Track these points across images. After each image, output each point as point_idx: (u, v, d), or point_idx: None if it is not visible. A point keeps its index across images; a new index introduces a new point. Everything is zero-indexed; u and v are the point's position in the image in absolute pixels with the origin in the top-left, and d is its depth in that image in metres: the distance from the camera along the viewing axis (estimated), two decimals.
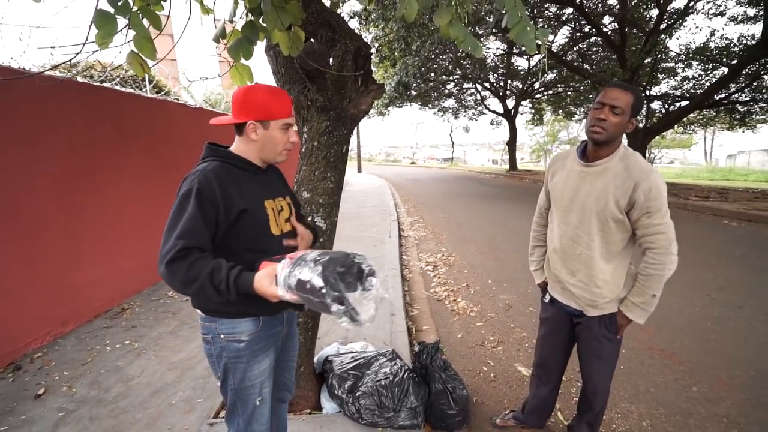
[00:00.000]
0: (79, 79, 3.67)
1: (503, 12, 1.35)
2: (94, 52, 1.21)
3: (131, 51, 1.19)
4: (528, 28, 1.33)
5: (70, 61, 1.30)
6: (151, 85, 5.19)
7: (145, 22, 1.17)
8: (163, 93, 5.57)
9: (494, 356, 2.85)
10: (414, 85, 14.49)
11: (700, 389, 2.39)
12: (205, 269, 1.05)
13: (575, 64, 15.63)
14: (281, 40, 1.43)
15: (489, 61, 19.17)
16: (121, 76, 4.51)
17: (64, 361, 2.69)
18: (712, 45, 12.11)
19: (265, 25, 1.39)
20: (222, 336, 1.23)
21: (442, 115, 26.20)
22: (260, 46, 1.72)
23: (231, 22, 1.67)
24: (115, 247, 3.64)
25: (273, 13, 1.33)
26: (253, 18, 1.45)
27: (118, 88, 3.94)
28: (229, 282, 1.06)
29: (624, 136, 1.48)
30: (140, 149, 3.95)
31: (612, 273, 1.53)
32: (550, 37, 15.48)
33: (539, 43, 1.37)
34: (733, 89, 12.06)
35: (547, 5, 13.14)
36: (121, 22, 1.11)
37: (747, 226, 6.88)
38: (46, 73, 2.95)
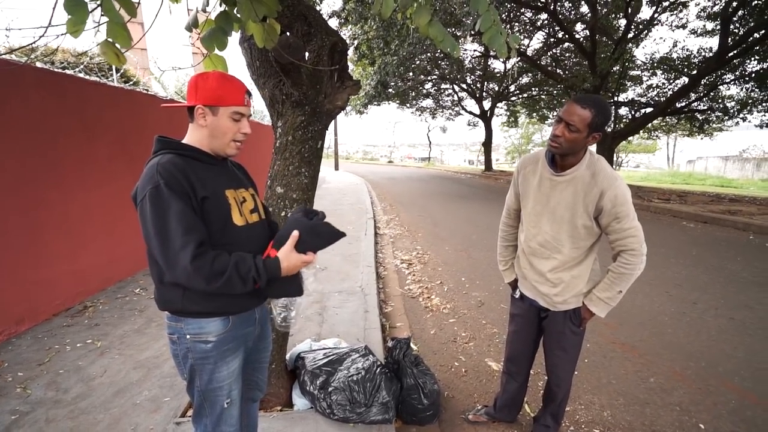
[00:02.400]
0: (38, 65, 3.48)
1: (477, 13, 1.38)
2: (58, 36, 1.15)
3: (105, 40, 1.12)
4: (500, 33, 1.36)
5: (30, 45, 1.23)
6: (119, 74, 4.99)
7: (117, 7, 1.12)
8: (131, 83, 5.36)
9: (466, 352, 2.91)
10: (392, 83, 14.54)
11: (656, 380, 2.53)
12: (229, 262, 1.08)
13: (549, 68, 16.10)
14: (256, 31, 1.41)
15: (466, 62, 19.46)
16: (86, 63, 4.31)
17: (18, 362, 2.55)
18: (674, 55, 12.79)
19: (239, 15, 1.36)
20: (188, 336, 1.18)
21: (419, 115, 26.45)
22: (235, 37, 1.69)
23: (204, 11, 1.62)
24: (79, 242, 3.47)
25: (247, 3, 1.30)
26: (227, 8, 1.42)
27: (82, 76, 3.77)
28: (259, 268, 1.11)
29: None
30: (107, 141, 3.78)
31: (578, 272, 1.60)
32: (525, 41, 15.89)
33: (510, 47, 1.41)
34: (693, 98, 12.76)
35: (522, 10, 13.47)
36: (91, 6, 1.06)
37: (703, 227, 7.30)
38: (1, 57, 2.79)
